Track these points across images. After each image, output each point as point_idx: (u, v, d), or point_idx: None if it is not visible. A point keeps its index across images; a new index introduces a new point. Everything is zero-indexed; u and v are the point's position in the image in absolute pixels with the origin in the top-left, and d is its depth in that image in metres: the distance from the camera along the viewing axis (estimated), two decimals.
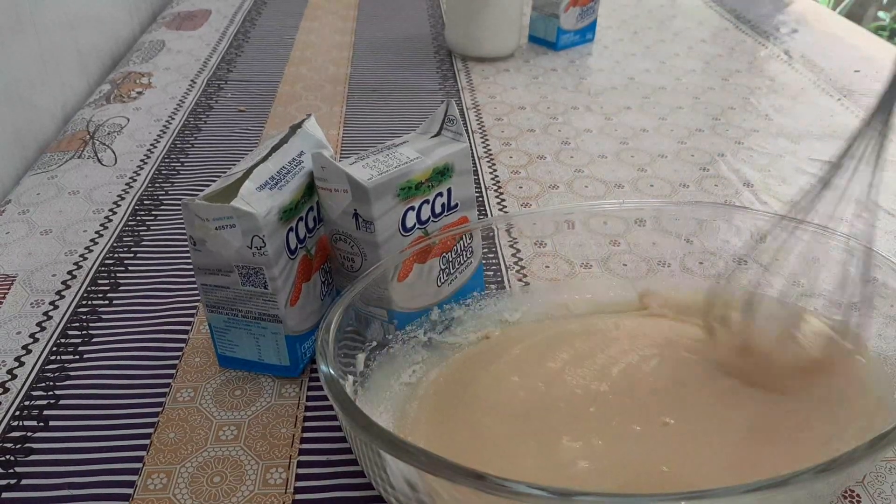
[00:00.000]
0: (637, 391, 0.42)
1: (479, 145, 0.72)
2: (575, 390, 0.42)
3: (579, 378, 0.43)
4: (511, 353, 0.45)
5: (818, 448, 0.37)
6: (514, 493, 0.30)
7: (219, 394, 0.44)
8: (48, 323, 0.49)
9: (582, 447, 0.38)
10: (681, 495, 0.31)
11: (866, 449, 0.32)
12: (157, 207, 0.62)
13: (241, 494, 0.38)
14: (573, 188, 0.66)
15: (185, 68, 0.88)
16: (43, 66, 0.77)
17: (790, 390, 0.41)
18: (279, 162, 0.43)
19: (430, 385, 0.43)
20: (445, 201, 0.46)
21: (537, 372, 0.43)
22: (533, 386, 0.42)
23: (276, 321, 0.43)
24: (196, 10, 1.07)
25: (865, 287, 0.43)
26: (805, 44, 0.99)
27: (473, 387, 0.43)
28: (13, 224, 0.59)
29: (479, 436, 0.39)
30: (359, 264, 0.44)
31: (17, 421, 0.42)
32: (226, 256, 0.41)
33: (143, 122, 0.75)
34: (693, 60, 0.94)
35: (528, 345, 0.46)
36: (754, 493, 0.30)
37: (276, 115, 0.78)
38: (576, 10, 0.93)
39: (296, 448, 0.41)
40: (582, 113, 0.79)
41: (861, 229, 0.44)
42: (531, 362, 0.44)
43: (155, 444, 0.41)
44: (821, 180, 0.42)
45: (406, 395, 0.42)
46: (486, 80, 0.87)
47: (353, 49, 0.95)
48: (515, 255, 0.56)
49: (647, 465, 0.37)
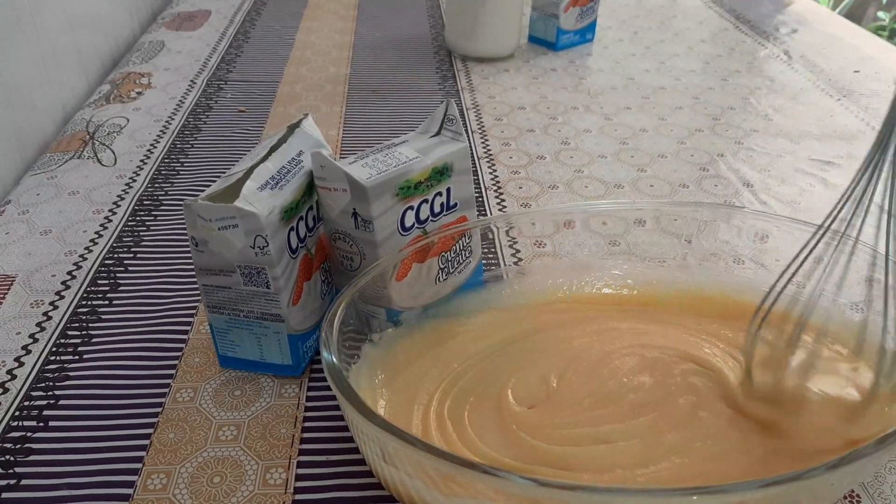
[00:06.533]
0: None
1: (479, 145, 0.72)
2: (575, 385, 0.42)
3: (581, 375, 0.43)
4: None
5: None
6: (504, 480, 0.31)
7: (218, 394, 0.44)
8: (48, 323, 0.49)
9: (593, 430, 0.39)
10: (693, 490, 0.31)
11: (875, 446, 0.32)
12: (157, 208, 0.62)
13: (240, 494, 0.38)
14: (573, 188, 0.66)
15: (185, 69, 0.88)
16: (43, 66, 0.77)
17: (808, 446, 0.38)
18: (279, 162, 0.43)
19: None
20: (444, 201, 0.46)
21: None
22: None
23: (279, 320, 0.43)
24: (196, 10, 1.07)
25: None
26: (805, 44, 0.99)
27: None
28: (13, 224, 0.59)
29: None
30: (358, 263, 0.44)
31: (16, 421, 0.42)
32: (228, 257, 0.41)
33: (142, 123, 0.75)
34: (693, 61, 0.94)
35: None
36: (767, 489, 0.30)
37: (275, 115, 0.78)
38: (575, 11, 0.93)
39: (296, 448, 0.41)
40: (582, 113, 0.79)
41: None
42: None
43: (155, 444, 0.41)
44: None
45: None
46: (485, 81, 0.87)
47: (352, 49, 0.95)
48: (515, 254, 0.56)
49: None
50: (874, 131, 0.76)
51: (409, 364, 0.44)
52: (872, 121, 0.78)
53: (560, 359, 0.44)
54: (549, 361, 0.43)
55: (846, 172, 0.68)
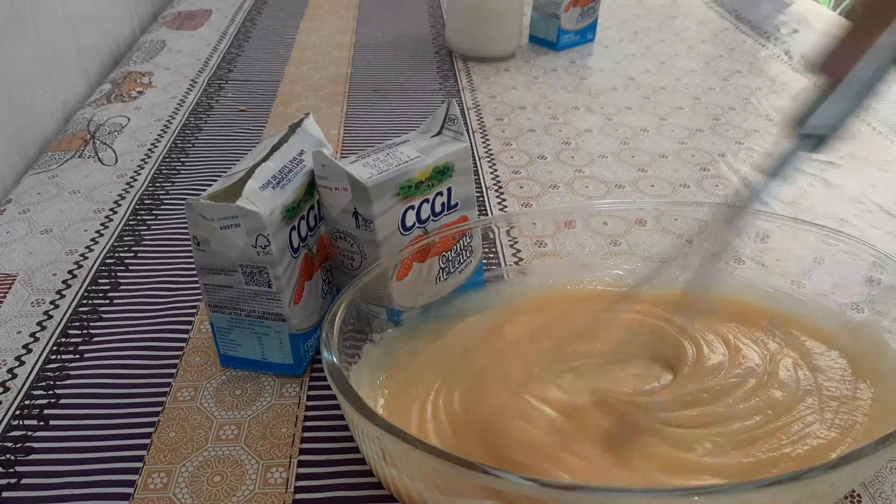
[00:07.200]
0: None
1: (480, 145, 0.72)
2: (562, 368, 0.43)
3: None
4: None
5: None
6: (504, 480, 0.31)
7: (219, 393, 0.44)
8: (49, 322, 0.49)
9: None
10: (693, 490, 0.31)
11: (875, 446, 0.32)
12: (158, 207, 0.62)
13: (241, 494, 0.38)
14: (573, 188, 0.66)
15: (186, 68, 0.88)
16: (43, 66, 0.77)
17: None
18: (280, 161, 0.43)
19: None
20: (445, 200, 0.46)
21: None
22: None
23: (280, 320, 0.43)
24: (196, 9, 1.07)
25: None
26: (805, 44, 0.99)
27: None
28: (14, 223, 0.59)
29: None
30: (358, 262, 0.44)
31: (17, 420, 0.42)
32: (230, 256, 0.41)
33: (143, 122, 0.75)
34: (693, 61, 0.94)
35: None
36: (767, 489, 0.30)
37: (276, 114, 0.78)
38: (576, 11, 0.93)
39: (296, 448, 0.41)
40: (582, 113, 0.79)
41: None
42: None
43: (155, 443, 0.41)
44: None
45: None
46: (486, 80, 0.87)
47: (353, 49, 0.95)
48: (516, 254, 0.56)
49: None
50: (874, 131, 0.76)
51: (410, 364, 0.44)
52: (872, 121, 0.78)
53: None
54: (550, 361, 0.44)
55: (846, 172, 0.68)
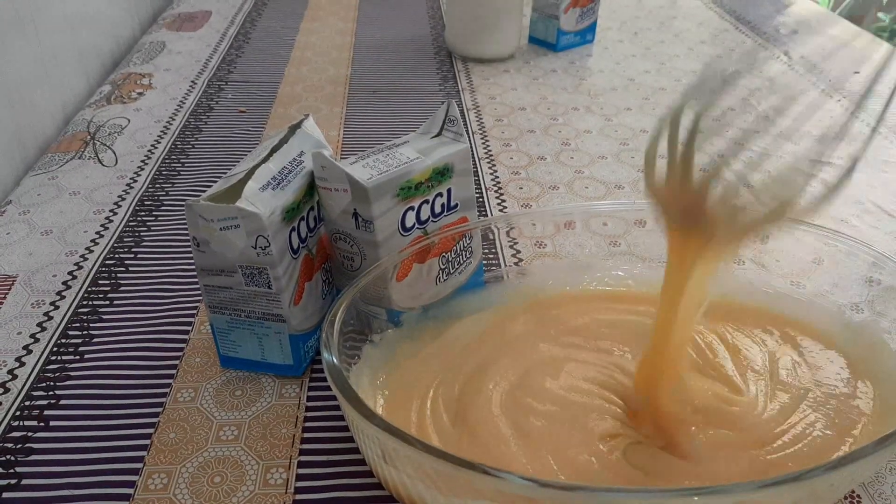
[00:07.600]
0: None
1: (480, 146, 0.72)
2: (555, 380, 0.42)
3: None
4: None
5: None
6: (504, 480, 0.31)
7: (219, 394, 0.44)
8: (49, 323, 0.49)
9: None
10: (693, 490, 0.31)
11: (875, 446, 0.32)
12: (158, 208, 0.62)
13: (241, 494, 0.38)
14: (573, 189, 0.66)
15: (186, 69, 0.88)
16: (43, 66, 0.77)
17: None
18: (280, 162, 0.43)
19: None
20: (445, 201, 0.46)
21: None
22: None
23: (280, 321, 0.43)
24: (196, 11, 1.07)
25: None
26: (805, 45, 0.99)
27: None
28: (14, 224, 0.59)
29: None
30: (358, 263, 0.44)
31: (17, 421, 0.42)
32: (230, 257, 0.41)
33: (143, 123, 0.75)
34: (693, 61, 0.94)
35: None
36: (767, 489, 0.30)
37: (276, 115, 0.78)
38: (576, 12, 0.93)
39: (296, 448, 0.41)
40: (582, 114, 0.79)
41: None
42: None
43: (155, 444, 0.41)
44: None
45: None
46: (486, 81, 0.87)
47: (353, 50, 0.95)
48: (516, 255, 0.56)
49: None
50: (875, 132, 0.76)
51: (410, 365, 0.44)
52: (873, 121, 0.78)
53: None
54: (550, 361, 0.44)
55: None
